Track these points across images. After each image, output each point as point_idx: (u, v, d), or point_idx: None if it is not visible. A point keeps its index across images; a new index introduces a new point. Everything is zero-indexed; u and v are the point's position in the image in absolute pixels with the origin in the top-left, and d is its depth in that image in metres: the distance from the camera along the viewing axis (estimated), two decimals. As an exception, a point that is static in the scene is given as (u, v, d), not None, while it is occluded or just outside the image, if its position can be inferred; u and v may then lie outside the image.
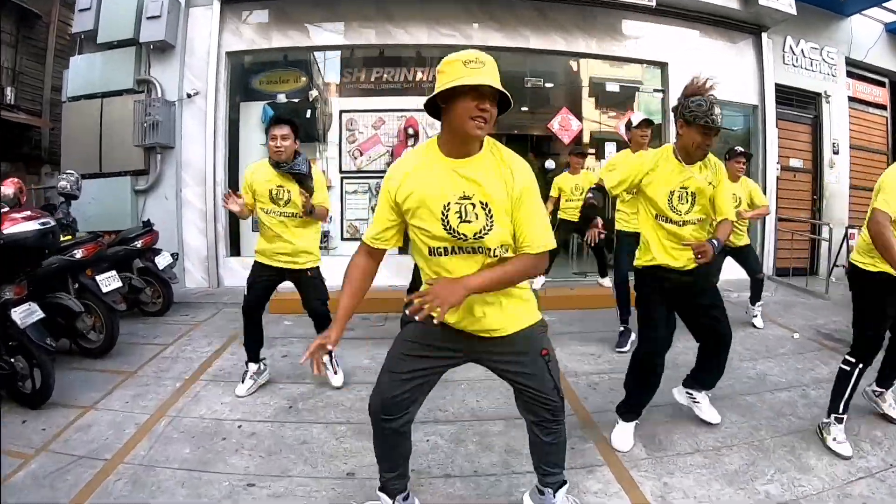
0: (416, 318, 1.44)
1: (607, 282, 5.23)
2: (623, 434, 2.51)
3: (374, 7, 5.59)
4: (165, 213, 5.54)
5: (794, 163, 7.20)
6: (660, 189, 2.35)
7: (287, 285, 3.15)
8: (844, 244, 6.33)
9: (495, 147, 1.58)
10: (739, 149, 4.29)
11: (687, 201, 2.35)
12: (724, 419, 2.74)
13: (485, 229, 1.52)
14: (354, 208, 5.96)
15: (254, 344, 3.12)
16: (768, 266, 6.79)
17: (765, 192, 5.65)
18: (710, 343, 2.52)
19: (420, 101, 5.62)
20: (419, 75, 5.94)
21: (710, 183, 2.34)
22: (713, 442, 2.57)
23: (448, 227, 1.53)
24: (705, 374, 2.62)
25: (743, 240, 4.34)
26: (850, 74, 7.70)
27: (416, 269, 1.82)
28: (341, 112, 5.88)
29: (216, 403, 2.99)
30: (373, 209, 5.96)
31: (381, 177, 5.98)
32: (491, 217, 1.52)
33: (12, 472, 2.33)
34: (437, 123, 1.54)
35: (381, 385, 1.72)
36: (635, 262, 2.54)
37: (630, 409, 2.52)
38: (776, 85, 6.81)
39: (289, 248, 2.98)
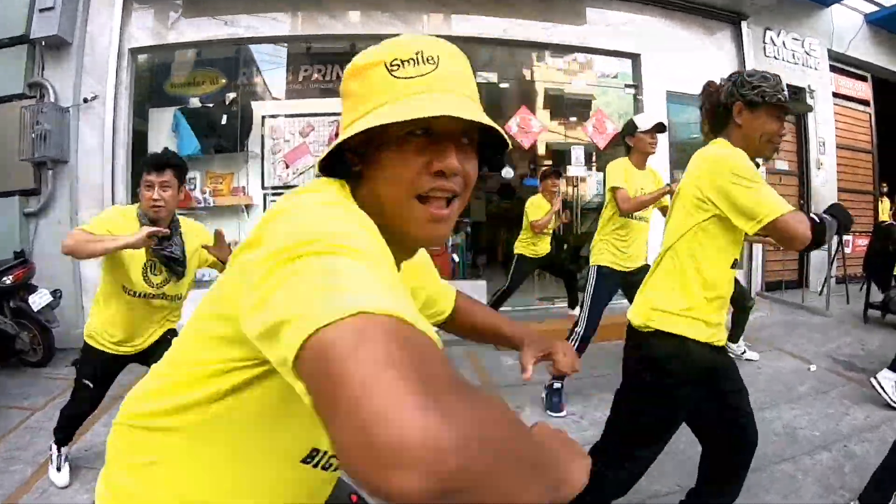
0: None
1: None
2: None
3: (302, -10, 4.86)
4: (60, 239, 4.70)
5: (780, 165, 6.69)
6: None
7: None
8: (840, 252, 5.81)
9: None
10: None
11: None
12: (766, 504, 2.09)
13: None
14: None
15: (72, 431, 2.47)
16: (757, 281, 6.24)
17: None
18: (729, 450, 1.68)
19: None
20: (343, 73, 5.15)
21: None
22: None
23: None
24: (717, 499, 1.72)
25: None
26: (831, 69, 7.30)
27: None
28: (263, 117, 5.14)
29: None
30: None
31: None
32: None
33: None
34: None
35: None
36: (651, 323, 1.60)
37: None
38: (757, 79, 6.31)
39: (150, 332, 2.26)
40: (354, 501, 1.00)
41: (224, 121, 4.92)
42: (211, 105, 5.03)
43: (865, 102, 7.82)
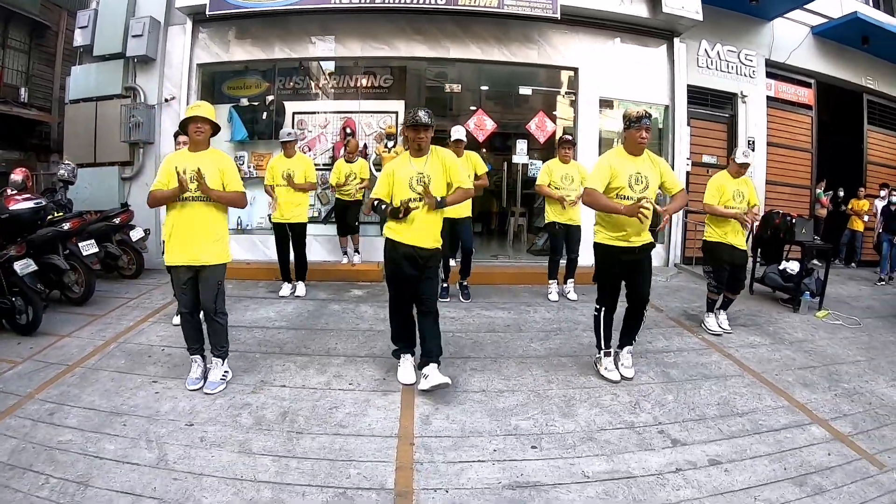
0: None
1: None
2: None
3: (318, 25, 6.58)
4: (146, 196, 6.65)
5: (708, 158, 7.89)
6: None
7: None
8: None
9: None
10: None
11: None
12: (530, 373, 3.46)
13: None
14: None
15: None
16: (676, 255, 7.54)
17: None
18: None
19: (358, 105, 7.30)
20: (351, 82, 6.93)
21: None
22: (502, 386, 3.24)
23: None
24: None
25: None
26: (773, 76, 8.31)
27: None
28: (294, 113, 6.94)
29: (154, 336, 4.11)
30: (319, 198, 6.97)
31: (327, 170, 6.96)
32: None
33: (5, 370, 3.45)
34: (374, 122, 4.05)
35: None
36: None
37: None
38: (690, 86, 7.44)
39: None
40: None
41: (264, 115, 6.77)
42: (256, 104, 6.87)
43: (808, 107, 8.83)
